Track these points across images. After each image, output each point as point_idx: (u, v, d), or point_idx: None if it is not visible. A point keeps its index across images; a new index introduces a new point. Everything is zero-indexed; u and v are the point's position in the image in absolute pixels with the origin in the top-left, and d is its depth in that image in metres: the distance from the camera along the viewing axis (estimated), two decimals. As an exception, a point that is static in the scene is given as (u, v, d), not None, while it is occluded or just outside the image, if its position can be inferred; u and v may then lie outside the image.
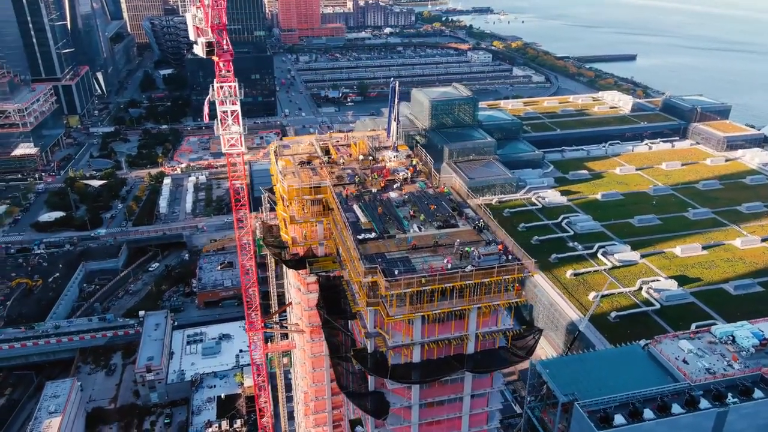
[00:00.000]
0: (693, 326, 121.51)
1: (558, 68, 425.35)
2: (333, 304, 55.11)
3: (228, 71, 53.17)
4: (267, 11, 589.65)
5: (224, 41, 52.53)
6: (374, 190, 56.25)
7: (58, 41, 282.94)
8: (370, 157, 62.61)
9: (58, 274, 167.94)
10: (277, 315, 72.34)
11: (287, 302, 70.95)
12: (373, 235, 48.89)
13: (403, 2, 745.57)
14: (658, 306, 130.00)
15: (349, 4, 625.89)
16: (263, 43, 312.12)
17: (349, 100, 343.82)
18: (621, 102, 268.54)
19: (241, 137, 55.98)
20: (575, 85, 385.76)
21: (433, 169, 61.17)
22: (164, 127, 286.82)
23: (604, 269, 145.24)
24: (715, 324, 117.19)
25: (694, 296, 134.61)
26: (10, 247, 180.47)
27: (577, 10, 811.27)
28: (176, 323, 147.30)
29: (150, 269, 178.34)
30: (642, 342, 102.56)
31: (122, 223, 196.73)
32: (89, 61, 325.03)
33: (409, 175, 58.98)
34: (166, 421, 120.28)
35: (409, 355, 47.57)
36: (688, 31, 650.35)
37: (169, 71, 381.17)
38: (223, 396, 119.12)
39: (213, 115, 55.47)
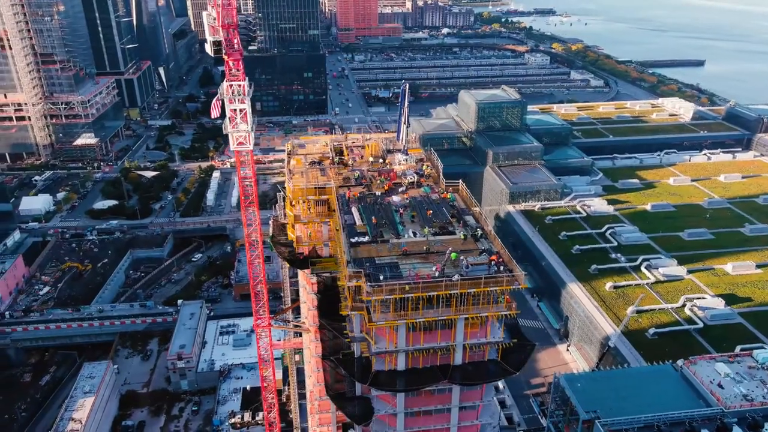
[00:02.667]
0: (737, 349, 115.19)
1: (619, 72, 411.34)
2: (334, 305, 54.83)
3: (238, 70, 53.88)
4: (326, 10, 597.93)
5: (235, 41, 53.25)
6: (378, 192, 55.74)
7: (123, 37, 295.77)
8: (381, 160, 62.14)
9: (106, 260, 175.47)
10: (291, 313, 72.89)
11: (299, 301, 71.44)
12: (366, 238, 48.41)
13: (462, 3, 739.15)
14: (701, 325, 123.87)
15: (408, 4, 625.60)
16: (317, 41, 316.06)
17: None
18: (681, 109, 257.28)
19: (249, 135, 56.61)
20: (635, 91, 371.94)
21: (441, 175, 60.01)
22: (218, 121, 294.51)
23: (646, 283, 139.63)
24: (762, 348, 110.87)
25: (743, 317, 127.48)
26: (65, 231, 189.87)
27: (645, 12, 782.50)
28: (212, 313, 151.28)
29: (193, 260, 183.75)
30: (680, 362, 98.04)
31: (170, 213, 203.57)
32: (152, 56, 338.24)
33: (416, 179, 58.14)
34: (194, 408, 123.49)
35: (394, 362, 46.82)
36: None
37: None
38: (248, 388, 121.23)
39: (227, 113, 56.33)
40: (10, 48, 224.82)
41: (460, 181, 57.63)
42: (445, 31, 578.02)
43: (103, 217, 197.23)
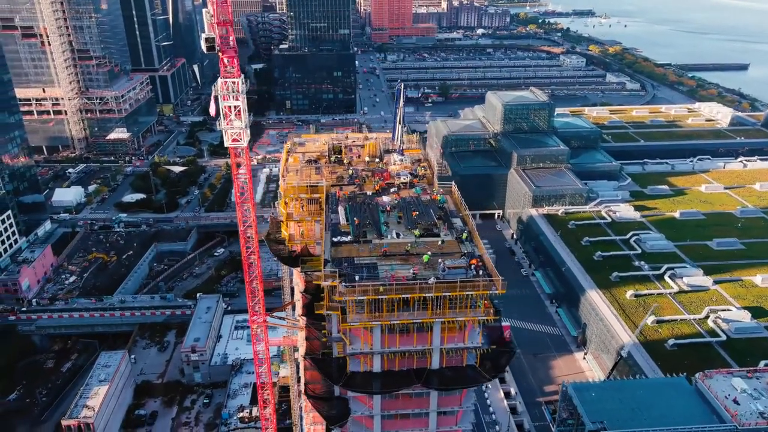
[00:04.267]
0: (761, 364, 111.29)
1: (656, 76, 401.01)
2: (324, 304, 54.59)
3: (232, 67, 54.21)
4: (361, 10, 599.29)
5: (231, 38, 53.59)
6: (369, 192, 55.32)
7: (158, 34, 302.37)
8: (377, 160, 61.70)
9: (131, 252, 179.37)
10: (291, 310, 73.22)
11: (295, 299, 71.63)
12: (349, 238, 48.06)
13: (499, 3, 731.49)
14: (724, 338, 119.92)
15: (443, 5, 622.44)
16: (347, 41, 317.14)
17: (429, 100, 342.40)
18: (719, 114, 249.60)
19: (243, 132, 56.87)
20: (673, 95, 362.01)
21: (435, 177, 59.18)
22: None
23: (669, 293, 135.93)
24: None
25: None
26: (94, 223, 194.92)
27: (688, 15, 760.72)
28: (229, 308, 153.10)
29: (215, 254, 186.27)
30: (698, 375, 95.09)
31: (196, 208, 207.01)
32: (187, 53, 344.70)
33: (409, 179, 57.48)
34: (205, 401, 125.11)
35: (369, 363, 46.29)
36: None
37: (260, 66, 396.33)
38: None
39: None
40: (49, 44, 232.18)
41: (453, 183, 56.81)
42: (479, 31, 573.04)
43: (131, 210, 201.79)
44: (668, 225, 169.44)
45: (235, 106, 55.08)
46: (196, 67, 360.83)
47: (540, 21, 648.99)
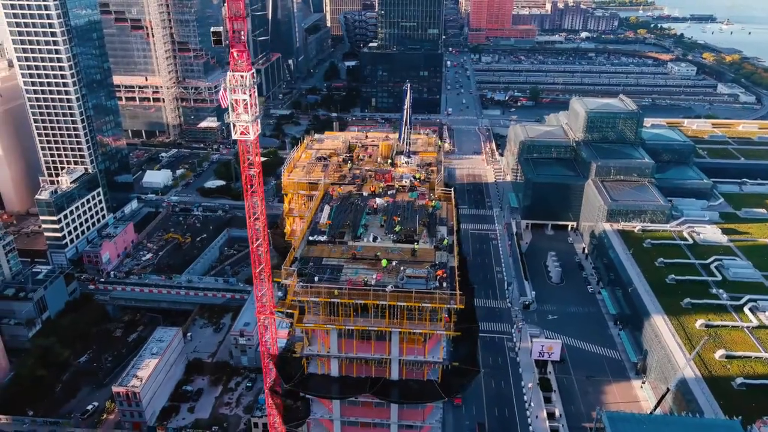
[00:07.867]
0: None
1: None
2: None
3: (242, 61, 55.05)
4: (462, 10, 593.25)
5: (242, 32, 54.45)
6: (365, 193, 54.17)
7: (255, 29, 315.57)
8: (388, 161, 60.32)
9: (205, 235, 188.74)
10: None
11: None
12: (324, 237, 47.23)
13: (608, 5, 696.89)
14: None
15: (547, 6, 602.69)
16: (436, 41, 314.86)
17: (518, 103, 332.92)
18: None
19: (253, 125, 57.50)
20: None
21: (437, 183, 56.78)
22: (333, 115, 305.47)
23: (747, 326, 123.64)
24: None
25: None
26: (176, 205, 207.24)
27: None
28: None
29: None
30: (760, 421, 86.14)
31: (270, 198, 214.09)
32: (283, 48, 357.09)
33: (410, 183, 55.64)
34: (248, 384, 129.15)
35: (327, 366, 45.17)
36: None
37: (353, 63, 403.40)
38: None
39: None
40: (152, 36, 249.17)
41: (452, 190, 54.34)
42: (583, 35, 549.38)
43: (211, 196, 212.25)
44: (760, 252, 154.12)
45: (243, 100, 55.93)
46: (291, 62, 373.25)
47: (652, 26, 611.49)
